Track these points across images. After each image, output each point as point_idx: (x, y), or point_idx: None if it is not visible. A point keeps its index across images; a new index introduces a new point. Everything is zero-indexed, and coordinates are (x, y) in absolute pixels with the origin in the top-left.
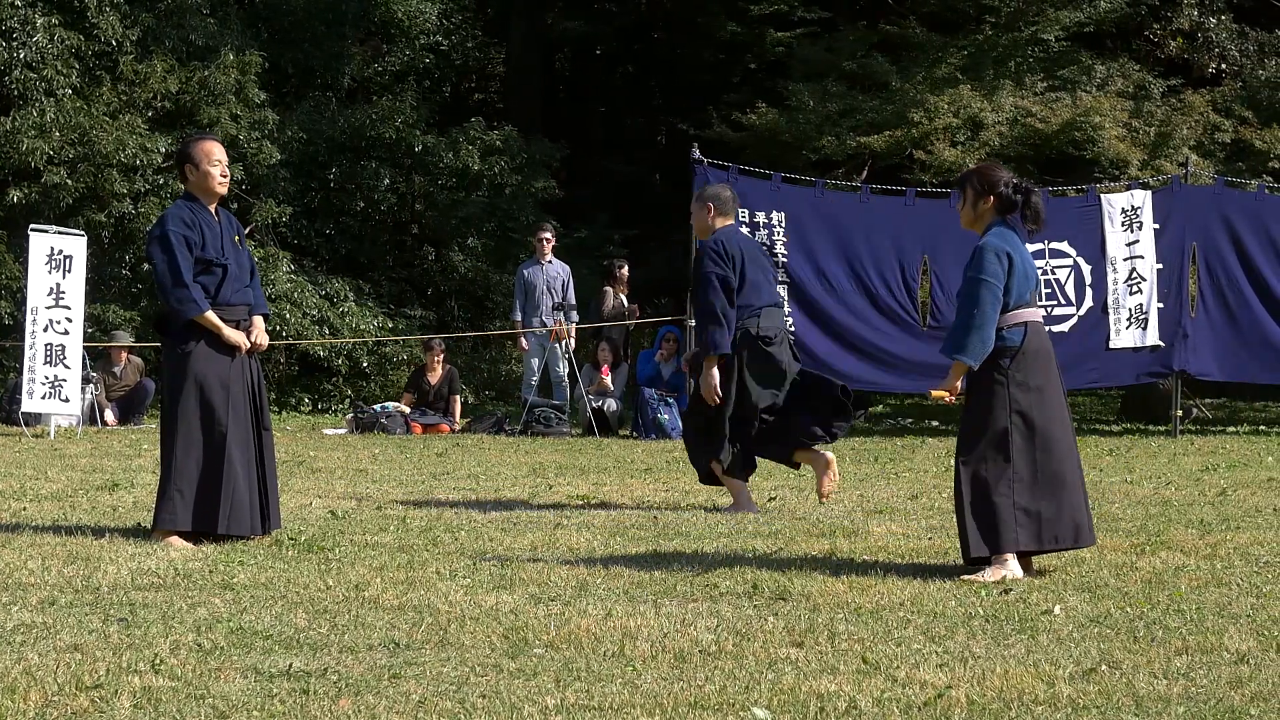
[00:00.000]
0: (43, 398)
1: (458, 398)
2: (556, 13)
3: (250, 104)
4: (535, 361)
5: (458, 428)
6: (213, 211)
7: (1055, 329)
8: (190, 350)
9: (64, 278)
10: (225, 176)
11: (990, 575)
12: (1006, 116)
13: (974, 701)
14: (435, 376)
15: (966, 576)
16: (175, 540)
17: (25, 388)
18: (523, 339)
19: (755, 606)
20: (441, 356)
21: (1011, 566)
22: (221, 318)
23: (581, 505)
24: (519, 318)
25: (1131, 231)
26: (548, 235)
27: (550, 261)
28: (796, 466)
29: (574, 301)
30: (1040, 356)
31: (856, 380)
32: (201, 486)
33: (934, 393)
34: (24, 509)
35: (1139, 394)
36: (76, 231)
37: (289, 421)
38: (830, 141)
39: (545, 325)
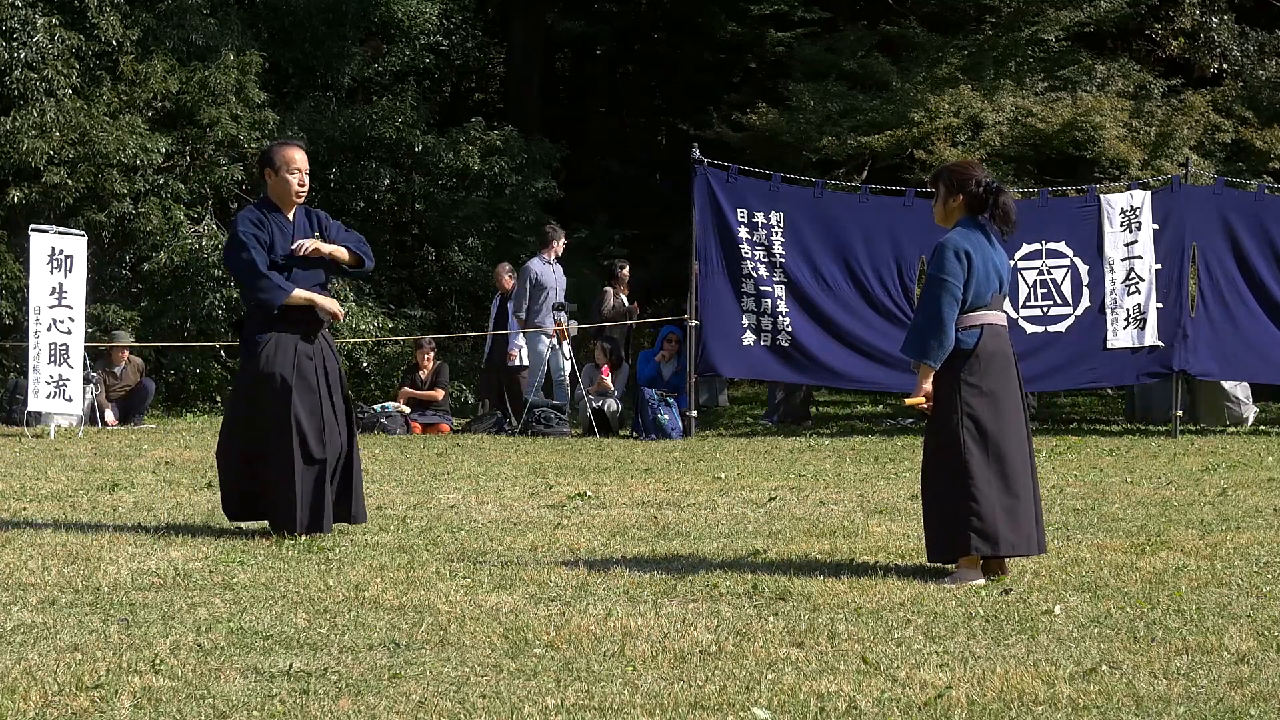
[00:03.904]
0: (48, 397)
1: (441, 391)
2: (556, 13)
3: (250, 104)
4: (544, 361)
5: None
6: (289, 218)
7: (1052, 329)
8: (262, 348)
9: (65, 277)
10: (304, 185)
11: (952, 582)
12: (1007, 116)
13: (974, 701)
14: (425, 373)
15: (944, 583)
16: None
17: (31, 387)
18: (544, 338)
19: (755, 606)
20: (432, 354)
21: (973, 575)
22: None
23: (581, 505)
24: (524, 316)
25: (1130, 232)
26: (562, 236)
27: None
28: None
29: (565, 301)
30: (996, 360)
31: (855, 379)
32: (265, 480)
33: (908, 401)
34: (24, 509)
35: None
36: (77, 231)
37: None
38: (830, 141)
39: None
